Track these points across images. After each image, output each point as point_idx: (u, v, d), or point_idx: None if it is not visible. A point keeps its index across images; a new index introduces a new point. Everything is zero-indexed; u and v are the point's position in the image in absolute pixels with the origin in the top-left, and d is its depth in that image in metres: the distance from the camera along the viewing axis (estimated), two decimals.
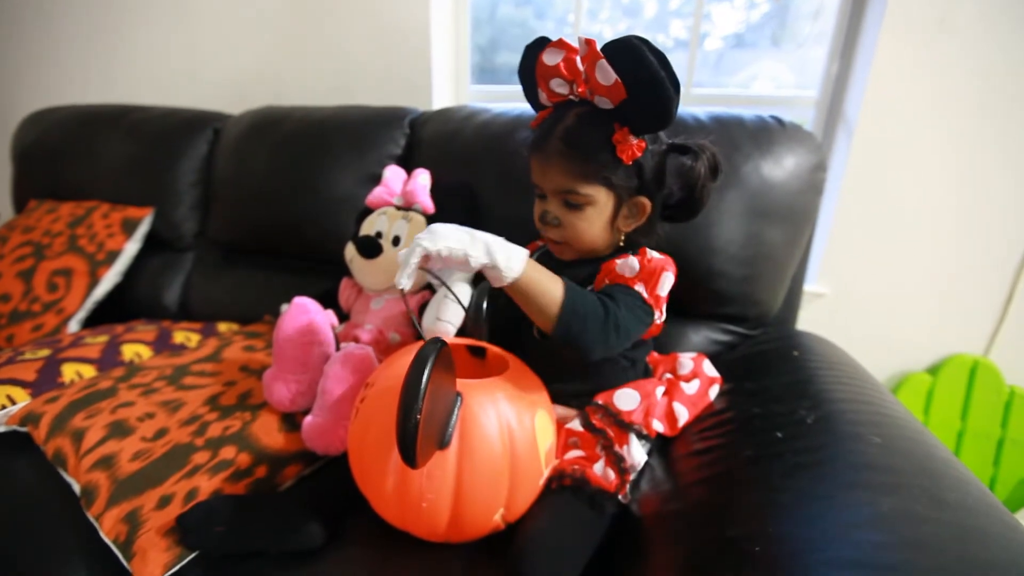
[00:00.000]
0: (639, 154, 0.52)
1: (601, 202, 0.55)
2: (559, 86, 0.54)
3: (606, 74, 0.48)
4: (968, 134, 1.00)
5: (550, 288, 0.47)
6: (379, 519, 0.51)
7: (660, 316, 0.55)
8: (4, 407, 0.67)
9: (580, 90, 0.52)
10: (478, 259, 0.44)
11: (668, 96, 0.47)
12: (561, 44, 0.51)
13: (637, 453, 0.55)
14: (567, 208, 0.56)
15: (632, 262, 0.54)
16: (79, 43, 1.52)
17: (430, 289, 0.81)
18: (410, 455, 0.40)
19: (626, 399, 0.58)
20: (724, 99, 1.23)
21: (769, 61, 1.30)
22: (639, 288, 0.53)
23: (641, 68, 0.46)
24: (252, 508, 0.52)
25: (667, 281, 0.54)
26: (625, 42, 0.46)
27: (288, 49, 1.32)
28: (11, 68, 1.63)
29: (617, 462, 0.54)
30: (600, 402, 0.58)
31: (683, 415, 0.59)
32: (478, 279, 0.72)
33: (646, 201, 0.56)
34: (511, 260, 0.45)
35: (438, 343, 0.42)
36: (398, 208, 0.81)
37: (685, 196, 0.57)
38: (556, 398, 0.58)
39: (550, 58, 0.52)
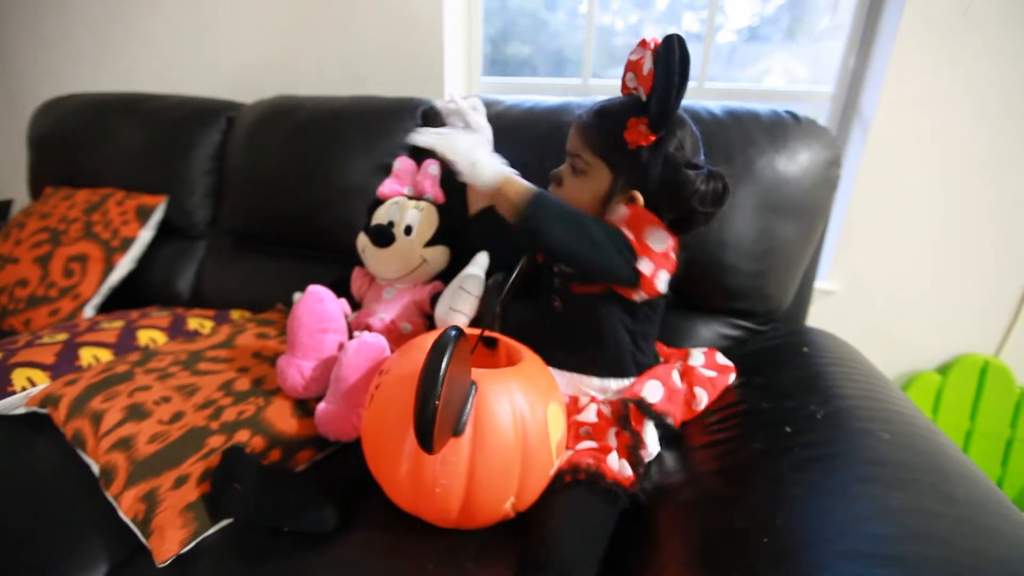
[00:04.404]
0: (642, 143, 0.55)
1: (599, 177, 0.59)
2: (631, 80, 0.58)
3: (647, 64, 0.54)
4: (987, 132, 0.98)
5: (520, 191, 0.55)
6: (389, 504, 0.52)
7: (652, 270, 0.56)
8: (25, 389, 0.69)
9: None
10: (463, 170, 0.57)
11: (668, 87, 0.51)
12: (644, 44, 0.55)
13: (652, 443, 0.56)
14: (572, 172, 0.61)
15: (621, 208, 0.57)
16: (93, 31, 1.53)
17: (440, 278, 0.82)
18: (427, 440, 0.40)
19: (653, 390, 0.59)
20: (738, 94, 1.22)
21: (782, 55, 1.28)
22: (626, 230, 0.56)
23: (664, 60, 0.51)
24: (271, 479, 0.54)
25: (656, 235, 0.56)
26: (666, 37, 0.51)
27: (301, 38, 1.32)
28: (26, 55, 1.65)
29: (634, 456, 0.55)
30: (633, 399, 0.58)
31: (703, 399, 0.61)
32: (492, 271, 0.73)
33: (639, 197, 0.57)
34: (476, 174, 0.57)
35: (456, 332, 0.43)
36: (409, 198, 0.81)
37: (680, 208, 0.58)
38: (561, 363, 0.61)
39: (634, 53, 0.56)
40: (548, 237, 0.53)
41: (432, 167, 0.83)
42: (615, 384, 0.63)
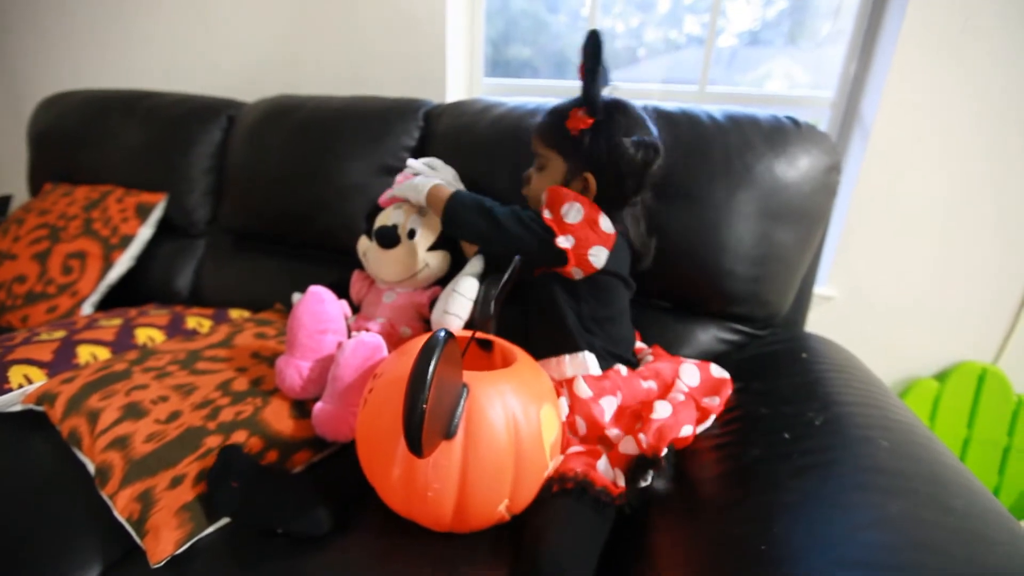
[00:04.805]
0: (582, 127, 0.62)
1: (555, 167, 0.66)
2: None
3: (579, 61, 0.61)
4: (986, 139, 0.99)
5: (443, 196, 0.68)
6: (385, 507, 0.52)
7: (573, 244, 0.60)
8: (21, 386, 0.69)
9: None
10: (412, 199, 0.74)
11: (587, 72, 0.60)
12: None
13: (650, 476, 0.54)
14: (537, 169, 0.69)
15: (544, 195, 0.64)
16: (94, 29, 1.53)
17: (440, 284, 0.82)
18: (416, 444, 0.40)
19: (662, 408, 0.58)
20: (739, 98, 1.22)
21: (783, 60, 1.28)
22: (545, 212, 0.62)
23: (583, 52, 0.59)
24: (266, 479, 0.54)
25: (571, 210, 0.61)
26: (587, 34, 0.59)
27: (303, 38, 1.32)
28: (27, 52, 1.65)
29: (634, 477, 0.54)
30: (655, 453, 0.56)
31: (708, 423, 0.60)
32: (486, 273, 0.73)
33: (590, 177, 0.63)
34: (419, 193, 0.72)
35: (444, 334, 0.43)
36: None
37: (621, 178, 0.63)
38: (533, 354, 0.62)
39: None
40: (461, 224, 0.66)
41: None
42: (568, 359, 0.63)
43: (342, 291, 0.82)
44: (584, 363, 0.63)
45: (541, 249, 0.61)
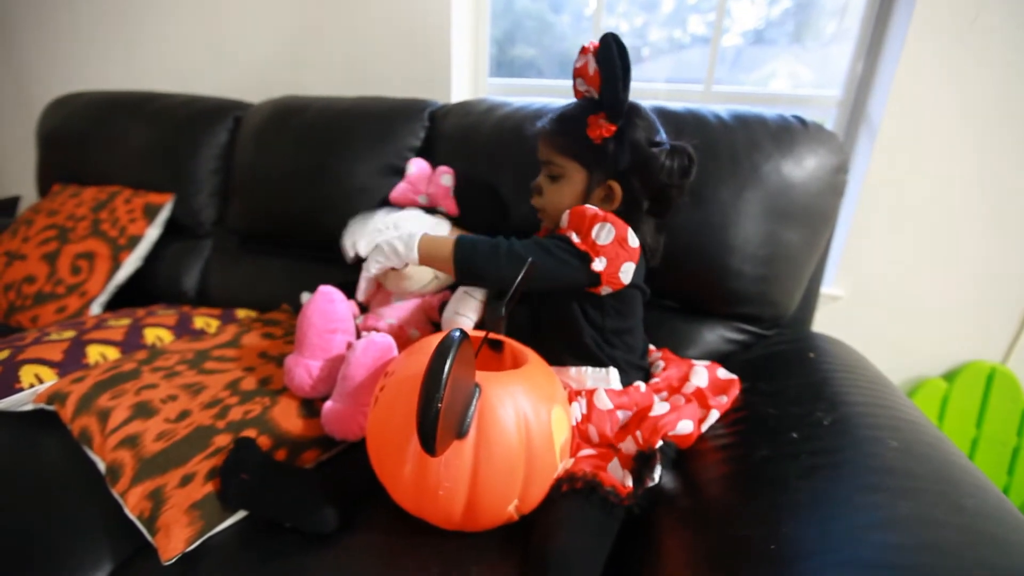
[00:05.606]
0: (606, 135, 0.59)
1: (574, 177, 0.63)
2: (580, 85, 0.62)
3: (592, 66, 0.58)
4: (995, 138, 0.98)
5: (443, 249, 0.60)
6: (394, 506, 0.52)
7: (605, 266, 0.58)
8: (32, 386, 0.69)
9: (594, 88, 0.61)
10: (395, 264, 0.62)
11: (613, 79, 0.56)
12: (585, 50, 0.59)
13: (657, 471, 0.55)
14: (549, 179, 0.65)
15: (565, 216, 0.62)
16: (102, 29, 1.54)
17: (450, 288, 0.82)
18: (430, 443, 0.40)
19: (659, 407, 0.59)
20: (746, 98, 1.22)
21: (788, 58, 1.28)
22: (571, 235, 0.59)
23: (605, 57, 0.56)
24: (277, 472, 0.54)
25: (602, 232, 0.58)
26: (602, 38, 0.56)
27: (309, 38, 1.33)
28: (35, 52, 1.66)
29: (638, 475, 0.54)
30: (656, 445, 0.56)
31: (713, 419, 0.60)
32: None
33: (616, 185, 0.61)
34: (406, 254, 0.61)
35: (459, 334, 0.43)
36: (425, 209, 0.81)
37: (653, 186, 0.61)
38: (545, 358, 0.61)
39: (578, 60, 0.60)
40: (484, 275, 0.60)
41: (444, 177, 0.82)
42: (591, 372, 0.64)
43: (350, 291, 0.83)
44: (607, 378, 0.63)
45: (576, 277, 0.59)
